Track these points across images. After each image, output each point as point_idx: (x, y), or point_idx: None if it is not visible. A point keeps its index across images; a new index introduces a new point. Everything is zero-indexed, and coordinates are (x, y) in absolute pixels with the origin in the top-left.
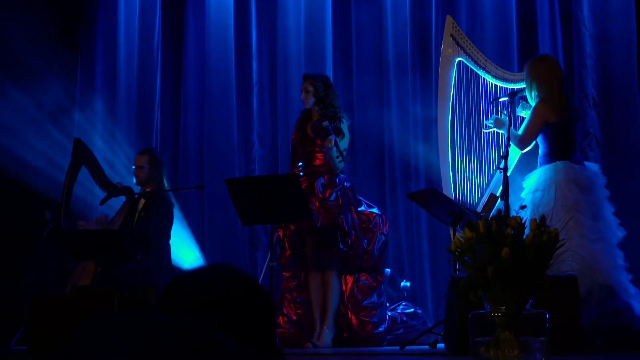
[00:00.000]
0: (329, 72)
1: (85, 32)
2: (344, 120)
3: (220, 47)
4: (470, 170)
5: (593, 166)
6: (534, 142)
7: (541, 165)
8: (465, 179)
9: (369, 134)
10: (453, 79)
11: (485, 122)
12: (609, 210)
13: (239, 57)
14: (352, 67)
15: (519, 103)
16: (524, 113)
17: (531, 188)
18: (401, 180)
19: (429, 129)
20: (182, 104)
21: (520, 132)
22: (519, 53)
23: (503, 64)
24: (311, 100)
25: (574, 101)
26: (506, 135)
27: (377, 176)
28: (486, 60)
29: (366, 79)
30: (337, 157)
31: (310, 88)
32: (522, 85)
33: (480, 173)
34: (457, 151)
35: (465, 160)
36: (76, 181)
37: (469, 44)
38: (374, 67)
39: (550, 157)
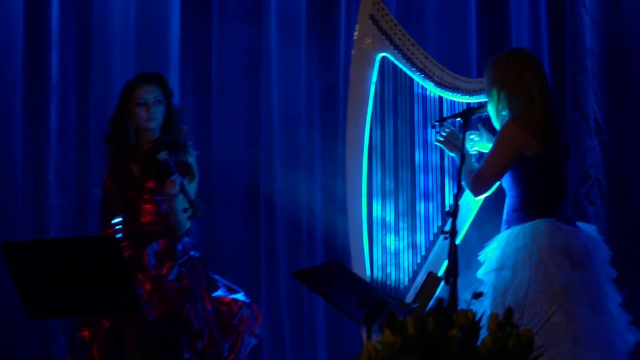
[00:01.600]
0: (174, 64)
1: None
2: (191, 151)
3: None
4: (396, 232)
5: (590, 229)
6: (498, 183)
7: (510, 225)
8: (388, 248)
9: (233, 164)
10: (373, 84)
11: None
12: (614, 299)
13: (30, 45)
14: (212, 31)
15: (477, 128)
16: (482, 145)
17: (493, 263)
18: (285, 248)
19: (334, 161)
20: None
21: (479, 166)
22: (479, 48)
23: (455, 66)
24: (160, 115)
25: (564, 125)
26: (460, 171)
27: (245, 240)
28: (427, 59)
29: (232, 62)
30: (185, 210)
31: (161, 97)
32: (485, 99)
33: (414, 238)
34: (378, 200)
35: (390, 217)
36: None
37: (400, 32)
38: (248, 36)
39: (526, 212)
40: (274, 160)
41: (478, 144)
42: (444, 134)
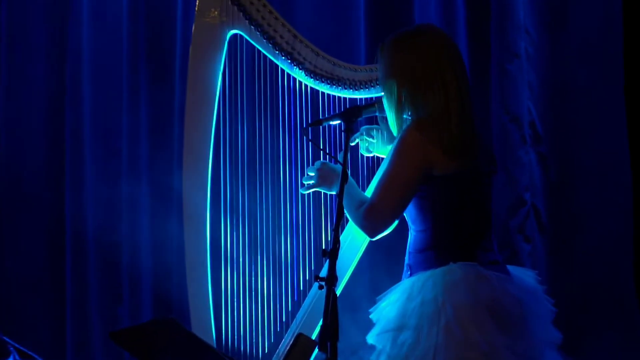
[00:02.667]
0: None
1: None
2: None
3: None
4: (253, 277)
5: (526, 276)
6: (400, 216)
7: (414, 271)
8: (236, 298)
9: (29, 179)
10: (221, 72)
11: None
12: None
13: None
14: None
15: (369, 133)
16: (380, 148)
17: (389, 322)
18: (99, 298)
19: (167, 173)
20: None
21: (369, 191)
22: (369, 25)
23: (336, 48)
24: None
25: (489, 133)
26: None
27: (45, 287)
28: (295, 38)
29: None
30: None
31: None
32: (377, 94)
33: (277, 287)
34: (226, 232)
35: (244, 256)
36: None
37: (259, 1)
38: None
39: (436, 254)
40: (83, 173)
41: (376, 145)
42: (312, 173)
